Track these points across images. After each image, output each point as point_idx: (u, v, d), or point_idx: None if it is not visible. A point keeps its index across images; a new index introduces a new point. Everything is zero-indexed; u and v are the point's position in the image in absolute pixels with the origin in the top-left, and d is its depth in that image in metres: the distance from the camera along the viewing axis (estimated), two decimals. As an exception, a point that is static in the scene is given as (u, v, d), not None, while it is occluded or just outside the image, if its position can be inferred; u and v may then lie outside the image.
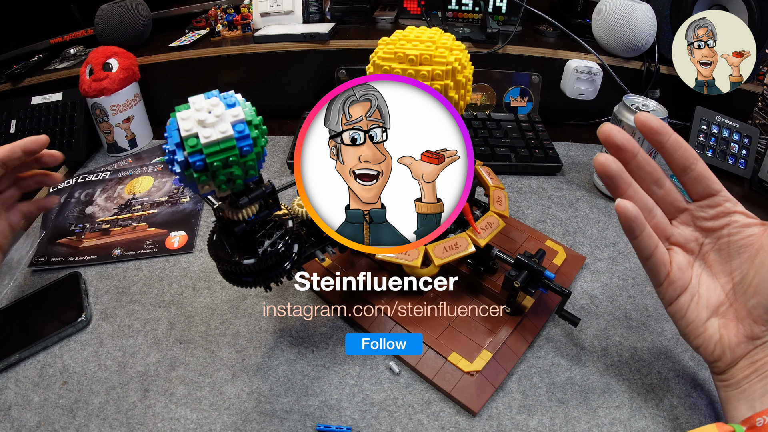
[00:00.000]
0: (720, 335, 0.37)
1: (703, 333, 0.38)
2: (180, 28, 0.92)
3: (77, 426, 0.41)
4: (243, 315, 0.50)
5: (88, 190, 0.69)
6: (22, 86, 0.82)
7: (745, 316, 0.36)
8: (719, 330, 0.37)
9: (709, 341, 0.38)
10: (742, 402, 0.37)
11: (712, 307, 0.38)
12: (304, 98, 0.86)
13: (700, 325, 0.38)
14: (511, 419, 0.41)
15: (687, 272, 0.39)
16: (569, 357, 0.46)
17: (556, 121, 0.85)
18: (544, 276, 0.44)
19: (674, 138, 0.38)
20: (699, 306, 0.38)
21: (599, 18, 0.78)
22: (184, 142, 0.30)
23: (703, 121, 0.76)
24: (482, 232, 0.47)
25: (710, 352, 0.38)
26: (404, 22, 0.91)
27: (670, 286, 0.39)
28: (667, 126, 0.38)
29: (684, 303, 0.38)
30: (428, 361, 0.44)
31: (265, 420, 0.41)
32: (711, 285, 0.39)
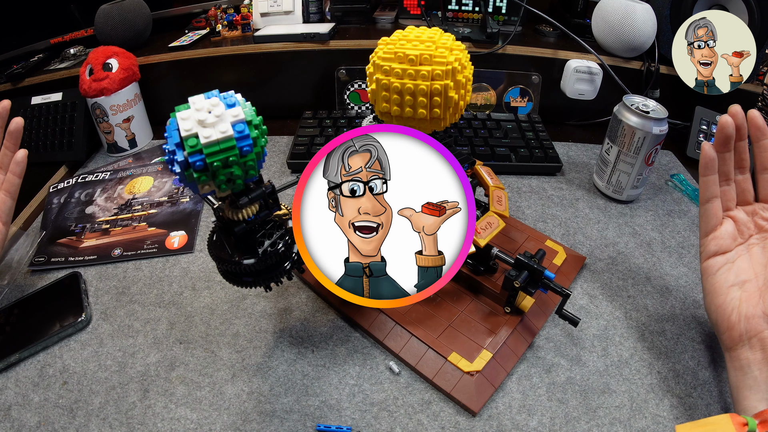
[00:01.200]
0: (740, 302, 0.41)
1: (725, 295, 0.42)
2: (180, 28, 0.92)
3: (77, 426, 0.41)
4: (243, 315, 0.50)
5: (88, 190, 0.69)
6: (22, 86, 0.82)
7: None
8: (740, 297, 0.41)
9: (728, 305, 0.41)
10: (753, 392, 0.37)
11: (741, 278, 0.42)
12: (304, 98, 0.86)
13: (724, 287, 0.42)
14: (511, 419, 0.41)
15: (731, 239, 0.44)
16: (569, 357, 0.46)
17: (556, 121, 0.85)
18: (544, 276, 0.44)
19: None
20: (730, 272, 0.43)
21: (599, 18, 0.78)
22: (184, 142, 0.30)
23: (703, 121, 0.76)
24: (482, 232, 0.47)
25: (726, 316, 0.41)
26: (404, 22, 0.91)
27: (714, 240, 0.44)
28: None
29: (718, 263, 0.43)
30: (428, 361, 0.44)
31: (265, 420, 0.41)
32: (746, 265, 0.43)
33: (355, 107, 0.83)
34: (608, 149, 0.65)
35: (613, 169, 0.65)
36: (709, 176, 0.44)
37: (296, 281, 0.54)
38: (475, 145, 0.72)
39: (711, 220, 0.45)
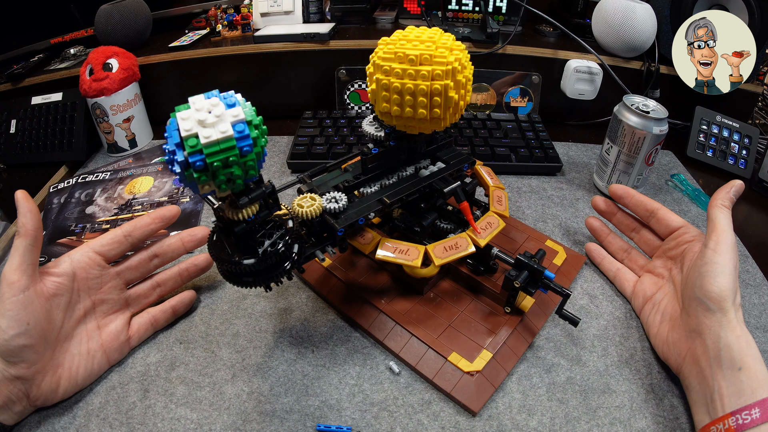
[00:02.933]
0: (667, 333, 0.44)
1: (657, 333, 0.46)
2: (180, 28, 0.92)
3: (77, 426, 0.41)
4: (243, 315, 0.50)
5: (88, 190, 0.69)
6: (22, 86, 0.82)
7: (685, 313, 0.42)
8: (668, 330, 0.44)
9: (660, 339, 0.45)
10: (698, 406, 0.39)
11: (667, 314, 0.46)
12: (304, 98, 0.86)
13: (655, 327, 0.46)
14: (511, 419, 0.41)
15: (650, 289, 0.49)
16: (569, 357, 0.46)
17: (556, 121, 0.85)
18: (544, 276, 0.44)
19: (637, 198, 0.53)
20: (657, 313, 0.47)
21: (599, 18, 0.78)
22: (184, 142, 0.30)
23: (703, 121, 0.76)
24: (482, 232, 0.47)
25: (661, 349, 0.45)
26: (404, 22, 0.91)
27: (634, 297, 0.51)
28: (629, 189, 0.54)
29: (647, 311, 0.49)
30: (428, 361, 0.44)
31: (265, 420, 0.41)
32: (671, 299, 0.47)
33: (355, 107, 0.83)
34: (608, 149, 0.65)
35: (613, 169, 0.65)
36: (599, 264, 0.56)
37: (296, 281, 0.54)
38: (475, 145, 0.72)
39: (624, 287, 0.52)
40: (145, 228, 0.48)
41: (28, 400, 0.40)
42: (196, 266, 0.51)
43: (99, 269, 0.46)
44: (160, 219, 0.49)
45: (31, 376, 0.40)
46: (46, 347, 0.41)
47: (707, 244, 0.42)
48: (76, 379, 0.43)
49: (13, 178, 0.75)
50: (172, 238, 0.51)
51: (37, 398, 0.41)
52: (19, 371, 0.39)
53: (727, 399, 0.36)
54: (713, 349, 0.38)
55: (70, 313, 0.44)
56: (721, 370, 0.37)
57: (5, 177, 0.75)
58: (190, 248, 0.52)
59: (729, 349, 0.37)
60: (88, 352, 0.44)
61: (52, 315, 0.42)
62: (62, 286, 0.43)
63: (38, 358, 0.40)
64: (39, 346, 0.40)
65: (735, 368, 0.37)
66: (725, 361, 0.37)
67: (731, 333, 0.38)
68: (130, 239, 0.47)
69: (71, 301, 0.44)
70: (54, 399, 0.42)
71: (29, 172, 0.75)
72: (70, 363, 0.43)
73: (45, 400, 0.41)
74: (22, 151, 0.77)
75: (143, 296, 0.49)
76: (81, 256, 0.45)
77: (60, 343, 0.43)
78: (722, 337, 0.38)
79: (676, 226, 0.49)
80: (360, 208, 0.45)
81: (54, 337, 0.42)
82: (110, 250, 0.46)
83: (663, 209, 0.51)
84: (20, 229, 0.40)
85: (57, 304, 0.42)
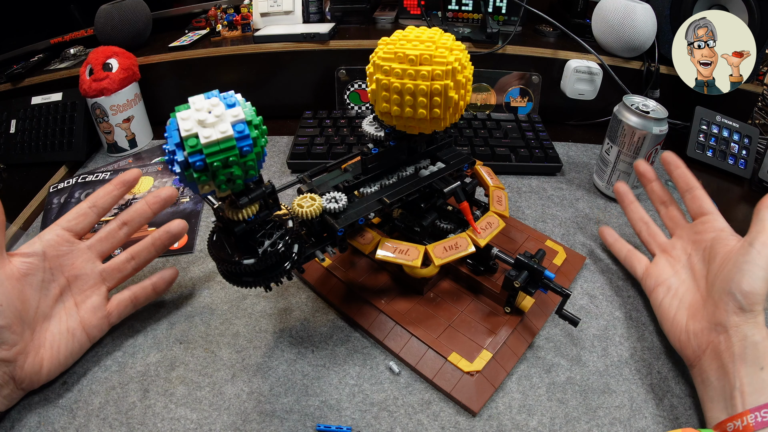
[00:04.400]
0: (686, 320, 0.44)
1: (673, 319, 0.45)
2: (180, 28, 0.92)
3: (77, 426, 0.41)
4: (243, 315, 0.50)
5: (88, 190, 0.69)
6: (22, 86, 0.82)
7: (712, 305, 0.41)
8: (687, 319, 0.44)
9: (676, 327, 0.44)
10: (715, 403, 0.38)
11: (685, 302, 0.45)
12: (304, 98, 0.86)
13: (671, 313, 0.45)
14: (511, 419, 0.41)
15: (665, 271, 0.49)
16: (569, 357, 0.46)
17: (556, 121, 0.85)
18: (544, 276, 0.44)
19: (683, 169, 0.51)
20: (674, 298, 0.46)
21: (599, 18, 0.78)
22: (184, 142, 0.30)
23: (703, 121, 0.76)
24: (482, 232, 0.47)
25: (677, 337, 0.44)
26: (404, 22, 0.91)
27: (648, 278, 0.50)
28: (679, 159, 0.51)
29: (660, 293, 0.47)
30: (428, 361, 0.44)
31: (265, 420, 0.41)
32: (690, 286, 0.46)
33: (355, 107, 0.83)
34: (608, 149, 0.65)
35: (613, 169, 0.65)
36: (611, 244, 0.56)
37: (296, 281, 0.54)
38: (475, 145, 0.72)
39: (635, 267, 0.52)
40: (108, 195, 0.48)
41: (14, 383, 0.41)
42: (168, 232, 0.50)
43: (69, 245, 0.46)
44: (121, 184, 0.49)
45: (13, 358, 0.40)
46: (24, 328, 0.41)
47: (753, 243, 0.40)
48: (58, 358, 0.43)
49: (13, 178, 0.75)
50: (138, 203, 0.50)
51: (22, 380, 0.41)
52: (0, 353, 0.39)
53: (748, 396, 0.36)
54: (739, 346, 0.38)
55: (46, 293, 0.44)
56: (745, 367, 0.37)
57: (5, 177, 0.75)
58: (157, 210, 0.50)
59: (755, 348, 0.37)
60: (68, 330, 0.44)
61: (26, 295, 0.42)
62: (33, 265, 0.43)
63: (17, 339, 0.40)
64: (16, 327, 0.40)
65: (758, 367, 0.37)
66: (749, 359, 0.37)
67: (758, 333, 0.38)
68: (96, 209, 0.47)
69: (44, 279, 0.44)
70: (39, 380, 0.42)
71: (29, 172, 0.75)
72: (51, 342, 0.43)
73: (30, 383, 0.42)
74: (22, 151, 0.77)
75: (118, 270, 0.48)
76: (49, 234, 0.45)
77: (39, 323, 0.43)
78: (749, 335, 0.38)
79: (708, 210, 0.48)
80: (360, 208, 0.45)
81: (32, 318, 0.42)
82: (77, 224, 0.46)
83: (701, 190, 0.50)
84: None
85: (30, 284, 0.43)
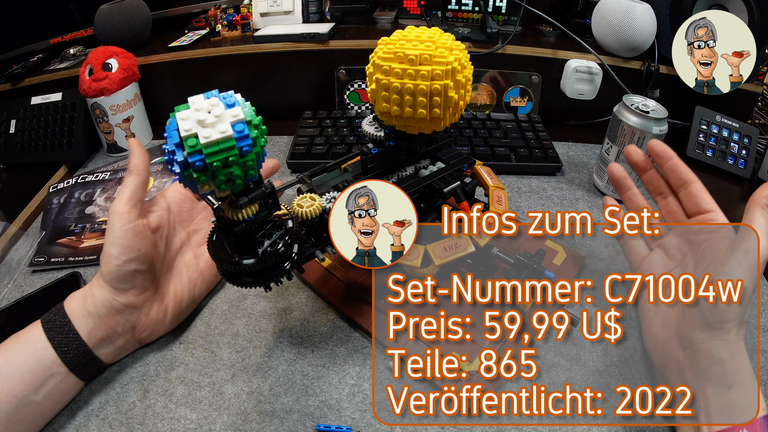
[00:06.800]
0: (658, 329, 0.41)
1: (650, 322, 0.42)
2: (180, 28, 0.92)
3: (77, 426, 0.41)
4: (243, 315, 0.50)
5: (88, 190, 0.69)
6: (22, 86, 0.82)
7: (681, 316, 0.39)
8: (659, 326, 0.41)
9: (650, 332, 0.42)
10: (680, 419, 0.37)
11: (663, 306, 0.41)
12: (304, 98, 0.86)
13: (648, 317, 0.43)
14: (510, 419, 0.41)
15: (657, 270, 0.44)
16: (569, 357, 0.46)
17: (556, 121, 0.85)
18: (544, 276, 0.44)
19: (674, 162, 0.44)
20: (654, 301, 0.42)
21: (599, 18, 0.78)
22: (183, 142, 0.30)
23: (703, 121, 0.76)
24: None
25: (648, 343, 0.43)
26: (404, 22, 0.91)
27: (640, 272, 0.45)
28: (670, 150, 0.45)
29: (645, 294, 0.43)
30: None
31: (265, 420, 0.41)
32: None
33: (355, 107, 0.83)
34: (608, 149, 0.65)
35: (613, 169, 0.65)
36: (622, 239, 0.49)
37: (296, 281, 0.54)
38: (475, 145, 0.72)
39: (632, 256, 0.48)
40: None
41: (133, 333, 0.43)
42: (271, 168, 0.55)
43: (190, 203, 0.51)
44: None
45: (141, 304, 0.43)
46: (153, 276, 0.44)
47: (735, 250, 0.36)
48: (181, 306, 0.47)
49: (13, 178, 0.75)
50: None
51: (144, 329, 0.44)
52: (129, 299, 0.42)
53: (714, 416, 0.34)
54: (704, 363, 0.36)
55: (170, 246, 0.48)
56: (710, 386, 0.35)
57: (5, 177, 0.75)
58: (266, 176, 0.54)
59: (721, 366, 0.35)
60: (189, 280, 0.48)
61: (158, 246, 0.46)
62: (163, 218, 0.47)
63: (148, 285, 0.44)
64: (148, 274, 0.43)
65: (725, 386, 0.35)
66: (715, 378, 0.35)
67: (725, 351, 0.35)
68: None
69: (169, 233, 0.48)
70: (160, 330, 0.46)
71: (29, 172, 0.75)
72: (174, 292, 0.47)
73: (151, 332, 0.45)
74: (22, 151, 0.77)
75: None
76: (173, 192, 0.50)
77: (164, 273, 0.47)
78: (714, 353, 0.35)
79: (706, 208, 0.43)
80: (360, 208, 0.45)
81: (159, 267, 0.46)
82: None
83: (698, 184, 0.43)
84: (133, 168, 0.45)
85: (160, 236, 0.46)
